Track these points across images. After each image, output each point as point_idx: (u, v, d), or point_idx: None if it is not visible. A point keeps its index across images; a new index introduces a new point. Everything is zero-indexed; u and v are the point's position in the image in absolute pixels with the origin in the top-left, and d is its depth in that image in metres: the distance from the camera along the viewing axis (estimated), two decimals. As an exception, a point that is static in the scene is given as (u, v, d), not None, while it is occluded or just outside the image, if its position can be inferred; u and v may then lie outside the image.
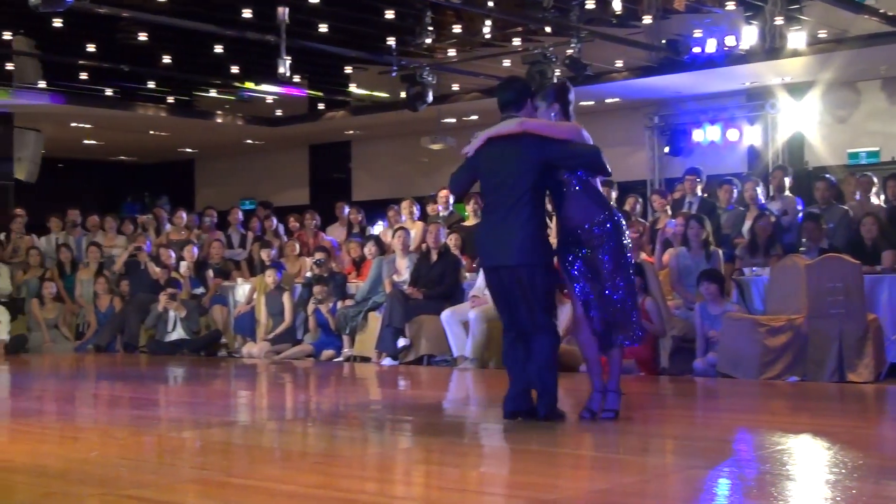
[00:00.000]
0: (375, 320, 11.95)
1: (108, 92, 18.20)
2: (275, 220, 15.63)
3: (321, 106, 20.19)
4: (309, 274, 13.15)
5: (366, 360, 12.05)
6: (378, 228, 15.12)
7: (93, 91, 17.95)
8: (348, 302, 12.55)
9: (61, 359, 13.26)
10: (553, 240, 6.52)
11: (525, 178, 6.25)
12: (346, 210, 15.02)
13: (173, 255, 14.32)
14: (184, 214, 15.63)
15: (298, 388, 10.06)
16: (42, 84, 17.79)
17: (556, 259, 6.42)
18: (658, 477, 5.03)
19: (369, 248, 12.81)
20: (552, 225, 7.20)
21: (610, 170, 6.42)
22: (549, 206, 6.66)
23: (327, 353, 12.50)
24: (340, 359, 12.35)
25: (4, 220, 15.81)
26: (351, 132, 21.92)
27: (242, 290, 13.92)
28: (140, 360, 13.01)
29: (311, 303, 12.74)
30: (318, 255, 13.06)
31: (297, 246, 14.19)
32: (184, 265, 14.15)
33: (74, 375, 11.64)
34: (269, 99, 19.23)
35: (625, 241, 6.34)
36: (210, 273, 14.16)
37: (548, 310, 6.39)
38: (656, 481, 4.90)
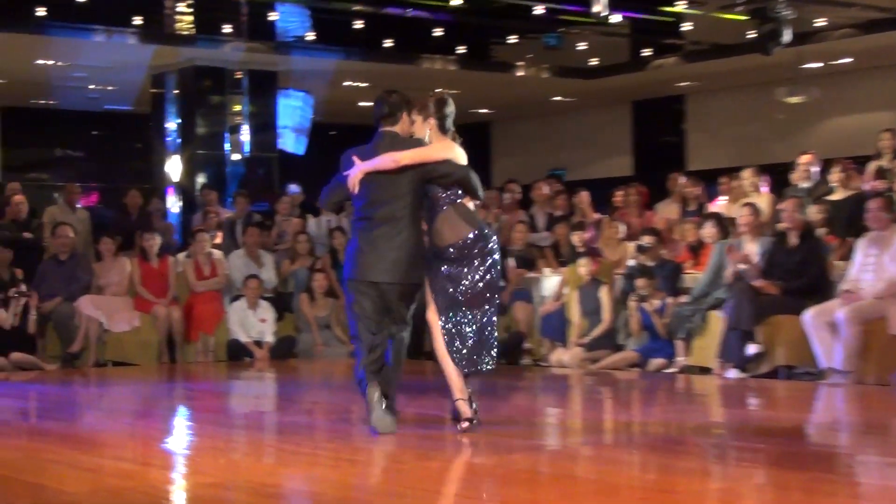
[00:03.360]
0: (717, 321, 11.84)
1: (388, 43, 18.76)
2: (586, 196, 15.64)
3: (646, 52, 20.07)
4: (632, 263, 13.14)
5: (705, 371, 11.96)
6: (721, 205, 14.94)
7: (369, 43, 18.54)
8: (682, 298, 12.47)
9: (334, 365, 13.72)
10: None
11: (404, 198, 7.68)
12: (681, 182, 14.91)
13: (466, 239, 14.54)
14: (479, 190, 15.80)
15: (620, 405, 10.11)
16: (310, 36, 18.54)
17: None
18: None
19: (709, 230, 12.68)
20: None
21: (481, 193, 7.84)
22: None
23: (656, 361, 12.46)
24: (673, 369, 12.29)
25: (268, 199, 16.33)
26: (685, 84, 21.73)
27: (550, 283, 14.07)
28: (424, 368, 13.31)
29: (631, 299, 12.73)
30: (645, 240, 13.03)
31: (620, 228, 14.17)
32: (478, 252, 14.37)
33: (349, 385, 12.04)
34: (583, 44, 19.29)
35: (493, 262, 7.79)
36: (510, 262, 14.34)
37: (405, 322, 7.93)
38: None
